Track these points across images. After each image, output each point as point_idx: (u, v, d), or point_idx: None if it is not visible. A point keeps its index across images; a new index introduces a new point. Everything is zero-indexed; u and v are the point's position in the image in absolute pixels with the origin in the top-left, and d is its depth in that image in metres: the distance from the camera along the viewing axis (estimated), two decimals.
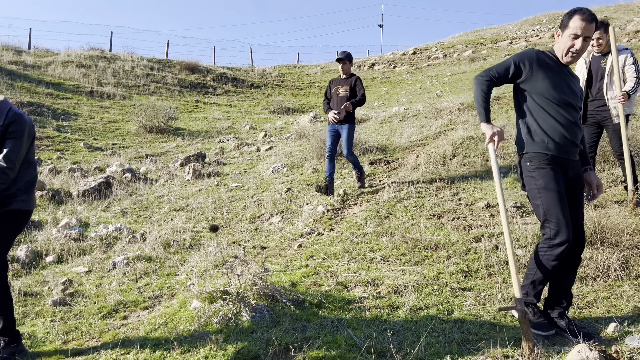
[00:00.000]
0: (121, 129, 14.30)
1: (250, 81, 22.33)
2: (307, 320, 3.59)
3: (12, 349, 3.39)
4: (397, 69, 23.70)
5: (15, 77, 16.11)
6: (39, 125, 12.93)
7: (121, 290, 4.53)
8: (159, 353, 3.32)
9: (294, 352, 3.24)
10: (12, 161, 3.12)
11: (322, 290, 4.06)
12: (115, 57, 21.07)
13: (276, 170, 8.67)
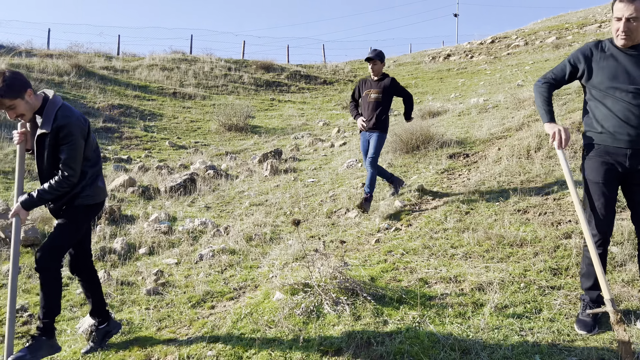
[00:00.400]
0: (202, 127, 14.96)
1: (323, 78, 22.51)
2: (388, 315, 3.58)
3: (105, 329, 3.67)
4: (474, 59, 22.90)
5: (106, 81, 17.32)
6: (129, 126, 13.82)
7: (208, 281, 4.75)
8: (245, 342, 3.46)
9: (376, 346, 3.25)
10: (72, 168, 3.14)
11: (402, 285, 4.03)
12: (196, 59, 22.04)
13: (351, 165, 8.69)
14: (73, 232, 3.32)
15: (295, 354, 3.25)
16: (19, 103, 3.04)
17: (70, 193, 3.25)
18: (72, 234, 3.32)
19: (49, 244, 3.21)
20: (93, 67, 18.19)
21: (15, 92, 2.99)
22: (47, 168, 3.20)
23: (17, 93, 3.01)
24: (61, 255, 3.28)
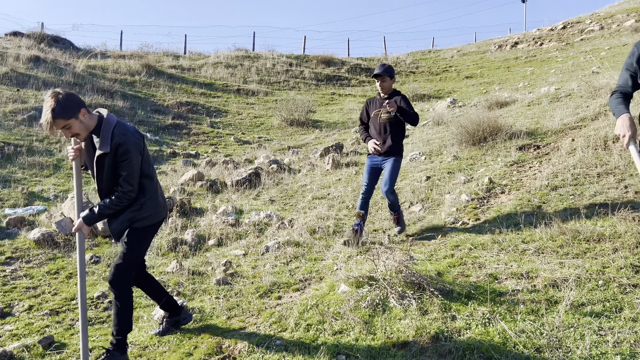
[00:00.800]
0: (265, 123, 15.25)
1: None
2: (457, 311, 3.51)
3: (175, 319, 3.87)
4: (544, 46, 21.83)
5: (174, 79, 18.02)
6: (196, 122, 14.33)
7: (274, 272, 4.86)
8: (312, 333, 3.51)
9: (444, 341, 3.20)
10: (130, 184, 3.18)
11: (471, 281, 3.94)
12: (258, 55, 22.47)
13: (414, 158, 8.56)
14: (140, 251, 3.44)
15: (362, 346, 3.27)
16: (73, 123, 3.05)
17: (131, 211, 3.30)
18: (140, 253, 3.45)
19: (121, 264, 3.34)
20: (162, 67, 18.98)
21: (69, 112, 3.01)
22: (106, 186, 3.26)
23: (72, 113, 3.02)
24: (131, 273, 3.42)
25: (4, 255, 5.67)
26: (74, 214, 3.36)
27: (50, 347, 3.82)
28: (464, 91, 16.81)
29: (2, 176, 8.12)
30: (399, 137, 5.28)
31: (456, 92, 16.78)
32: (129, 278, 3.38)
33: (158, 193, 3.45)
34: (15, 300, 4.71)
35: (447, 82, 19.72)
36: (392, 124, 5.21)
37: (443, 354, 3.13)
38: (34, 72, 14.39)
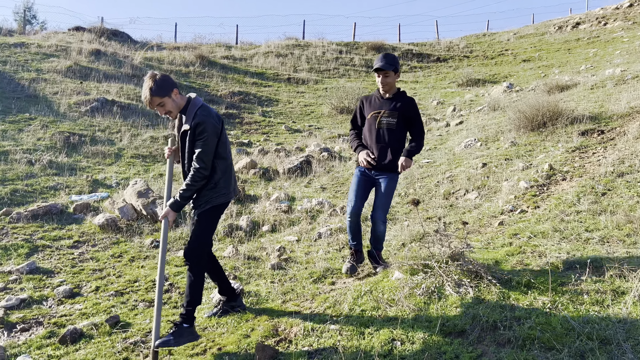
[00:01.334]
0: (315, 111, 15.29)
1: (436, 55, 21.76)
2: (516, 300, 3.42)
3: (231, 304, 4.00)
4: (608, 26, 20.63)
5: (227, 70, 18.36)
6: (248, 112, 14.56)
7: (327, 258, 4.89)
8: (366, 318, 3.52)
9: (503, 330, 3.12)
10: (203, 161, 3.40)
11: (530, 270, 3.81)
12: (308, 44, 22.49)
13: (469, 145, 8.35)
14: (212, 228, 3.65)
15: (417, 333, 3.24)
16: (167, 101, 3.39)
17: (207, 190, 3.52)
18: (212, 229, 3.66)
19: (195, 241, 3.55)
20: (215, 57, 19.36)
21: (164, 91, 3.36)
22: (188, 165, 3.55)
23: (166, 92, 3.37)
24: (205, 247, 3.62)
25: (72, 239, 6.00)
26: (163, 204, 3.60)
27: (117, 326, 4.03)
28: (521, 75, 16.18)
29: (69, 164, 8.57)
30: (400, 147, 4.21)
31: (512, 77, 16.19)
32: (203, 252, 3.58)
33: (231, 174, 3.65)
34: (84, 282, 4.98)
35: (503, 66, 19.04)
36: (393, 131, 4.16)
37: (502, 343, 3.06)
38: (95, 64, 15.04)
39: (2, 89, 11.87)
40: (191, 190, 3.46)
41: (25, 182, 7.55)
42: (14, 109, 10.68)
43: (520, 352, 2.94)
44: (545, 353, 2.90)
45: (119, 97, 12.70)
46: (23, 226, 6.17)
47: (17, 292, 4.71)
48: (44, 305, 4.51)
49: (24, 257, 5.44)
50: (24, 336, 4.02)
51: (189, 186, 3.44)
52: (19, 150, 8.59)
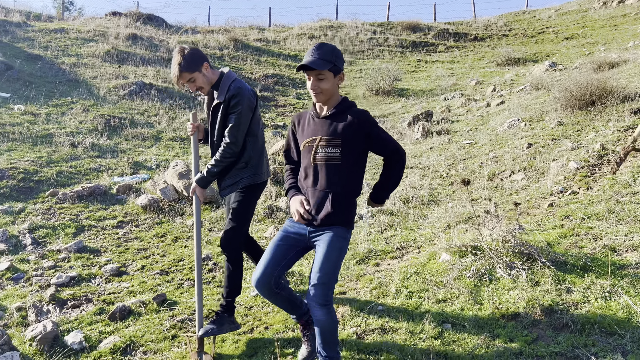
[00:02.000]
0: (350, 93, 15.11)
1: (474, 34, 21.15)
2: (572, 283, 3.29)
3: None
4: None
5: (260, 52, 18.32)
6: (282, 94, 14.52)
7: (370, 239, 4.83)
8: (414, 300, 3.45)
9: (560, 314, 3.01)
10: (235, 136, 3.20)
11: (586, 252, 3.66)
12: (341, 25, 22.19)
13: (512, 125, 8.09)
14: (248, 215, 3.45)
15: (469, 316, 3.16)
16: (197, 76, 3.20)
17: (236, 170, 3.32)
18: (248, 217, 3.46)
19: (231, 229, 3.38)
20: (248, 40, 19.34)
21: (193, 66, 3.16)
22: (217, 139, 3.34)
23: (195, 66, 3.17)
24: (241, 237, 3.45)
25: (116, 219, 6.12)
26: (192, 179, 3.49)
27: (164, 304, 4.08)
28: (564, 53, 15.56)
29: (110, 147, 8.73)
30: (349, 192, 2.75)
31: (555, 55, 15.59)
32: (239, 242, 3.43)
33: (263, 154, 3.46)
34: (129, 260, 5.07)
35: (544, 44, 18.36)
36: (337, 168, 2.70)
37: (558, 327, 2.95)
38: (132, 49, 15.24)
39: (44, 74, 12.17)
40: (219, 166, 3.28)
41: (69, 164, 7.73)
42: (56, 93, 10.93)
43: (579, 336, 2.83)
44: (606, 338, 2.78)
45: (156, 81, 12.85)
46: (69, 206, 6.32)
47: (67, 270, 4.84)
48: (93, 283, 4.62)
49: (72, 237, 5.58)
50: (75, 312, 4.12)
51: (217, 162, 3.27)
52: (62, 133, 8.80)
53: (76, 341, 3.61)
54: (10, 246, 5.26)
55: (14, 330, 3.84)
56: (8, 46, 13.39)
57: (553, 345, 2.81)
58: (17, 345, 3.55)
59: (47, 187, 6.84)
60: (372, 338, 3.10)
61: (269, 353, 3.13)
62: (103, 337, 3.69)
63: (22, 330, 3.85)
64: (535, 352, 2.76)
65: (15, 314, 4.03)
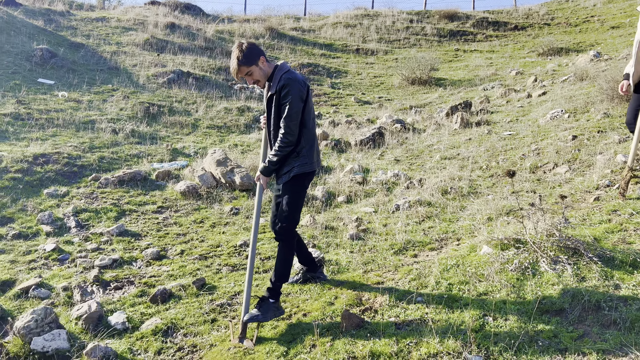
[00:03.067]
0: (385, 82, 14.96)
1: (514, 23, 20.56)
2: (620, 279, 3.17)
3: (311, 274, 3.99)
4: None
5: (296, 41, 18.30)
6: (317, 84, 14.48)
7: (407, 230, 4.78)
8: (454, 292, 3.40)
9: (607, 310, 2.91)
10: (289, 126, 3.29)
11: (635, 248, 3.52)
12: (377, 13, 21.92)
13: (555, 116, 7.84)
14: (300, 201, 3.53)
15: (511, 310, 3.09)
16: (254, 69, 3.32)
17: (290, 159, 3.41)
18: (300, 203, 3.53)
19: (285, 217, 3.45)
20: (284, 29, 19.34)
21: (251, 60, 3.28)
22: (274, 129, 3.44)
23: (252, 61, 3.29)
24: (295, 224, 3.52)
25: (155, 204, 6.25)
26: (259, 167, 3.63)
27: (203, 288, 4.16)
28: (610, 43, 14.96)
29: (149, 134, 8.91)
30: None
31: (600, 45, 15.01)
32: (293, 228, 3.51)
33: (314, 144, 3.53)
34: (169, 245, 5.18)
35: (589, 33, 17.69)
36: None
37: (606, 324, 2.86)
38: (170, 37, 15.46)
39: (86, 62, 12.48)
40: (278, 155, 3.37)
41: (110, 149, 7.93)
42: (97, 81, 11.21)
43: (628, 334, 2.74)
44: None
45: (194, 69, 13.01)
46: (110, 191, 6.50)
47: (109, 252, 4.98)
48: (134, 266, 4.74)
49: (113, 220, 5.73)
50: (117, 294, 4.24)
51: (276, 152, 3.37)
52: (104, 120, 9.03)
53: (119, 321, 3.72)
54: (55, 228, 5.45)
55: (60, 309, 3.98)
56: (52, 34, 13.79)
57: (600, 342, 2.72)
58: (64, 324, 3.68)
59: (90, 172, 7.04)
60: (411, 328, 3.08)
61: (307, 339, 3.14)
62: (145, 319, 3.79)
63: (67, 309, 3.99)
64: (581, 349, 2.68)
65: (62, 294, 4.18)
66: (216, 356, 3.23)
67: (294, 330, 3.31)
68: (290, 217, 3.45)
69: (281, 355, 3.06)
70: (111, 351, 3.30)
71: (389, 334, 3.02)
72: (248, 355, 3.15)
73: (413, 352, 2.83)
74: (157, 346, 3.41)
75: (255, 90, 12.59)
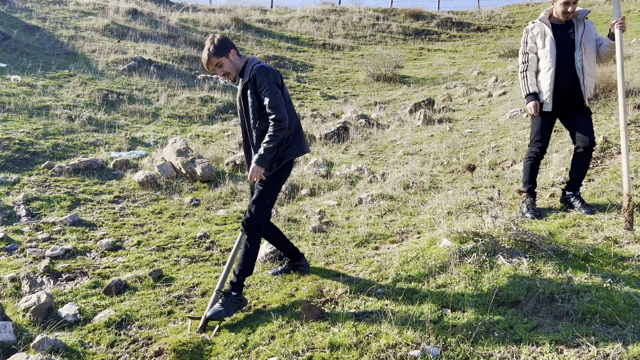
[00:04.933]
0: (351, 78, 15.00)
1: (477, 24, 21.00)
2: (573, 273, 3.27)
3: (295, 264, 3.95)
4: None
5: (262, 33, 18.11)
6: (283, 77, 14.36)
7: (369, 223, 4.80)
8: (414, 284, 3.43)
9: (561, 302, 2.99)
10: (278, 110, 3.24)
11: (587, 243, 3.64)
12: (344, 9, 21.95)
13: (514, 115, 8.04)
14: (274, 196, 3.48)
15: (469, 301, 3.14)
16: (224, 61, 3.34)
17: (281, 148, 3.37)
18: (274, 197, 3.48)
19: (257, 209, 3.38)
20: (250, 20, 19.10)
21: (221, 51, 3.32)
22: (253, 121, 3.36)
23: (223, 52, 3.32)
24: (265, 217, 3.46)
25: (112, 194, 6.05)
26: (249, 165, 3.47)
27: (160, 280, 4.05)
28: None
29: (107, 122, 8.62)
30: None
31: None
32: (263, 222, 3.44)
33: (300, 130, 3.53)
34: (125, 236, 5.02)
35: None
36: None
37: (559, 315, 2.94)
38: (132, 24, 15.01)
39: (42, 45, 11.97)
40: (276, 141, 3.26)
41: (65, 137, 7.63)
42: (53, 65, 10.76)
43: (579, 325, 2.81)
44: (607, 328, 2.76)
45: (156, 57, 12.68)
46: (65, 180, 6.25)
47: (62, 242, 4.78)
48: (88, 257, 4.57)
49: (67, 210, 5.51)
50: (69, 285, 4.08)
51: (272, 138, 3.26)
52: (59, 106, 8.67)
53: (70, 313, 3.58)
54: (4, 217, 5.20)
55: (7, 301, 3.80)
56: (5, 16, 13.15)
57: (553, 333, 2.79)
58: (10, 316, 3.51)
59: (43, 159, 6.75)
60: (370, 320, 3.08)
61: (267, 331, 3.10)
62: (98, 311, 3.66)
63: (15, 300, 3.81)
64: (535, 340, 2.74)
65: (9, 285, 3.98)
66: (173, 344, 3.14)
67: (253, 322, 3.26)
68: (263, 209, 3.41)
69: (239, 347, 3.01)
70: (60, 344, 3.16)
71: (349, 325, 3.01)
72: (206, 346, 3.08)
73: (372, 343, 2.83)
74: (110, 338, 3.30)
75: (219, 81, 12.38)
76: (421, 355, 2.68)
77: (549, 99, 4.14)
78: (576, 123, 4.17)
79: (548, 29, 4.15)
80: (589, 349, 2.58)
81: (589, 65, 4.10)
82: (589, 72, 4.09)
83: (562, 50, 4.11)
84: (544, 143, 4.28)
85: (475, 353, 2.67)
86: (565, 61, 4.10)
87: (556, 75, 4.11)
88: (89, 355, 3.14)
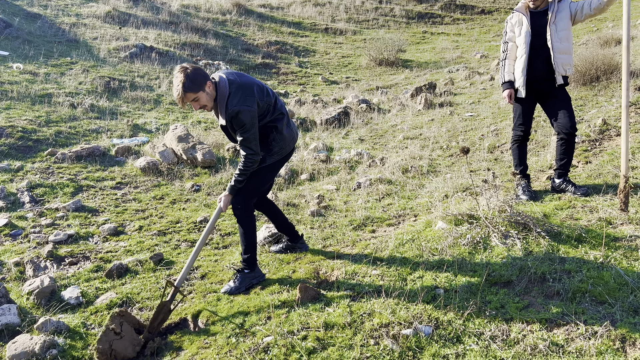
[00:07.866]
0: (353, 63, 14.95)
1: (481, 7, 20.78)
2: (565, 253, 3.31)
3: (292, 245, 4.04)
4: None
5: (263, 18, 18.02)
6: (285, 62, 14.34)
7: (367, 207, 4.84)
8: (409, 266, 3.48)
9: (552, 282, 3.03)
10: (250, 148, 3.24)
11: (581, 224, 3.67)
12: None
13: None
14: (262, 182, 3.55)
15: (462, 282, 3.19)
16: (201, 95, 3.14)
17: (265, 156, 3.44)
18: (260, 185, 3.56)
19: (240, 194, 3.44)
20: (252, 5, 19.00)
21: (197, 86, 3.09)
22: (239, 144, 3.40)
23: (199, 86, 3.10)
24: (250, 201, 3.54)
25: (114, 180, 6.12)
26: None
27: (160, 263, 4.12)
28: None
29: (109, 108, 8.67)
30: None
31: None
32: (248, 205, 3.52)
33: (284, 131, 3.47)
34: (127, 221, 5.10)
35: None
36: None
37: (550, 295, 2.99)
38: (133, 10, 14.97)
39: (43, 33, 11.99)
40: (245, 174, 3.33)
41: (68, 124, 7.69)
42: (55, 53, 10.79)
43: (569, 304, 2.86)
44: (596, 307, 2.81)
45: (157, 44, 12.67)
46: (67, 166, 6.32)
47: (65, 228, 4.86)
48: (90, 242, 4.65)
49: (70, 196, 5.59)
50: (72, 269, 4.16)
51: (242, 172, 3.31)
52: (61, 94, 8.72)
53: (73, 296, 3.66)
54: (8, 203, 5.28)
55: (11, 285, 3.89)
56: (7, 3, 13.15)
57: (544, 312, 2.84)
58: (15, 299, 3.60)
59: (46, 146, 6.82)
60: (365, 300, 3.14)
61: (263, 312, 3.17)
62: (100, 293, 3.74)
63: (19, 284, 3.90)
64: (526, 318, 2.79)
65: (13, 269, 4.07)
66: None
67: (250, 303, 3.33)
68: (246, 194, 3.49)
69: (237, 327, 3.08)
70: (63, 325, 3.25)
71: (344, 306, 3.08)
72: (204, 327, 3.16)
73: (366, 323, 2.89)
74: None
75: (220, 67, 12.38)
76: (413, 333, 2.74)
77: (521, 86, 4.19)
78: (555, 110, 4.19)
79: (524, 17, 4.18)
80: (578, 327, 2.63)
81: (560, 42, 4.07)
82: (560, 49, 4.07)
83: (537, 37, 4.11)
84: (526, 126, 4.38)
85: (466, 331, 2.73)
86: (541, 47, 4.11)
87: (529, 62, 4.14)
88: (91, 336, 3.23)
